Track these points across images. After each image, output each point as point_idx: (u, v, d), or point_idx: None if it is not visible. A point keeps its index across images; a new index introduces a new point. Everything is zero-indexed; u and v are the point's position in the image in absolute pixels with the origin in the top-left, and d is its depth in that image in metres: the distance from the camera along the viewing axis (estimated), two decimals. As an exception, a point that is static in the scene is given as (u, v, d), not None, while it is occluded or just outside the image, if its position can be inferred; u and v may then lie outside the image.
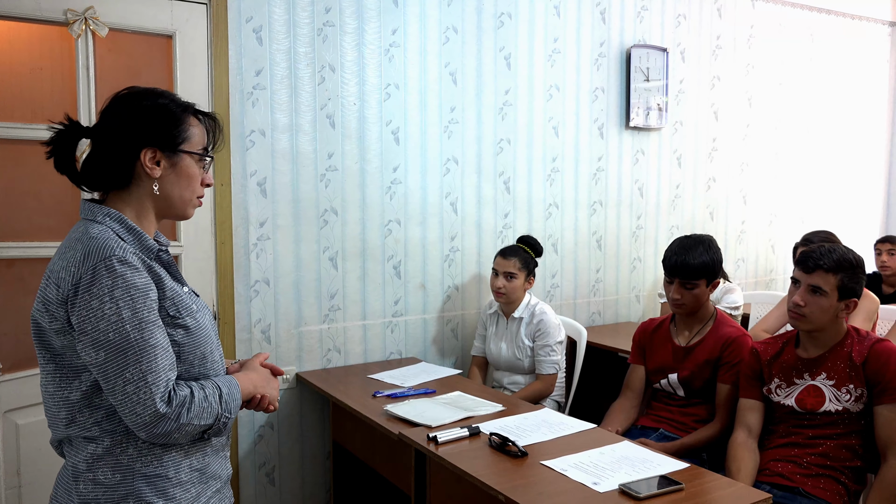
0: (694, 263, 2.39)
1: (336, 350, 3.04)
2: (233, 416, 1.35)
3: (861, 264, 2.09)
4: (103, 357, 1.21)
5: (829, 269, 2.05)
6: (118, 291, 1.21)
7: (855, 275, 2.06)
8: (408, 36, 3.09)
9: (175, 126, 1.33)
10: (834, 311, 2.07)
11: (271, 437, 2.95)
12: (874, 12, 4.82)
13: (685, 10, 3.94)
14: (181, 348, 1.30)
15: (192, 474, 1.33)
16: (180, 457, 1.31)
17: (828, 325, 2.09)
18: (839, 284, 2.04)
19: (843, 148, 4.76)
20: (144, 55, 2.63)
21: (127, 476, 1.27)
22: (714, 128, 4.12)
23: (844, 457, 2.06)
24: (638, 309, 3.92)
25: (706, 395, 2.44)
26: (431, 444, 2.05)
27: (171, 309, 1.30)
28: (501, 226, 3.40)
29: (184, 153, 1.35)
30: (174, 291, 1.32)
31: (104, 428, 1.27)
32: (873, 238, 4.39)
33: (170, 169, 1.34)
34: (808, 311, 2.07)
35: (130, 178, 1.33)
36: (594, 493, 1.73)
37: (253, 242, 2.82)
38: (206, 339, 1.35)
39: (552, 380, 2.92)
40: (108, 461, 1.27)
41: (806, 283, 2.08)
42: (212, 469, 1.37)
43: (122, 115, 1.31)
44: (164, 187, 1.34)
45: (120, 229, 1.29)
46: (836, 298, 2.05)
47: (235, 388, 1.36)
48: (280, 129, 2.84)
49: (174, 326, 1.29)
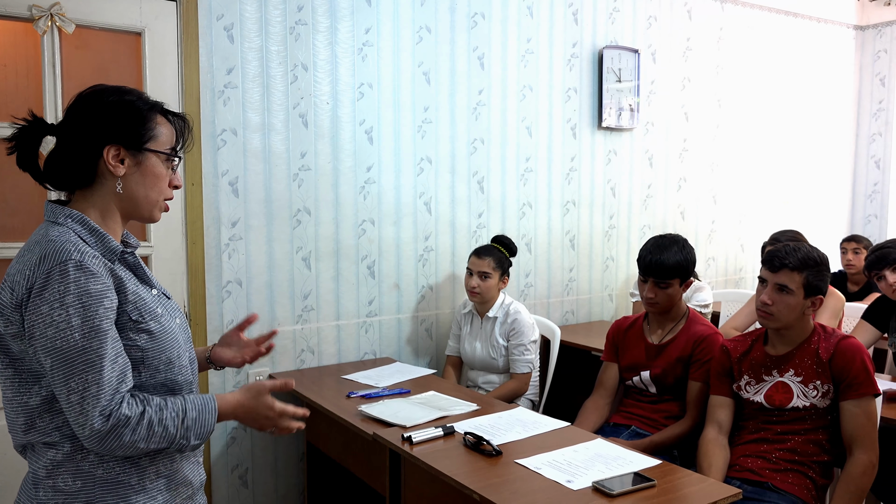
0: (668, 263, 2.42)
1: (310, 351, 3.02)
2: (196, 442, 1.28)
3: (825, 262, 2.14)
4: (50, 364, 1.18)
5: (794, 268, 2.09)
6: (69, 297, 1.17)
7: (820, 273, 2.10)
8: (381, 35, 3.08)
9: (141, 124, 1.30)
10: (801, 309, 2.11)
11: (244, 439, 2.92)
12: (840, 16, 4.92)
13: (656, 12, 3.98)
14: (144, 353, 1.27)
15: (159, 481, 1.30)
16: (145, 463, 1.28)
17: (795, 322, 2.12)
18: (805, 282, 2.08)
19: (810, 149, 4.85)
20: (113, 52, 2.59)
21: (88, 483, 1.24)
22: (685, 128, 4.18)
23: (812, 452, 2.10)
24: (611, 307, 3.96)
25: (677, 392, 2.47)
26: (406, 445, 2.04)
27: (134, 313, 1.26)
28: (475, 225, 3.41)
29: (149, 152, 1.31)
30: (137, 295, 1.28)
31: (65, 433, 1.24)
32: (839, 237, 4.49)
33: (134, 168, 1.30)
34: (775, 309, 2.10)
35: (94, 177, 1.29)
36: (568, 490, 1.74)
37: (225, 242, 2.79)
38: (171, 343, 1.31)
39: (526, 379, 2.93)
40: (68, 467, 1.24)
41: (772, 281, 2.11)
42: (181, 475, 1.34)
43: (86, 112, 1.28)
44: (128, 186, 1.31)
45: (82, 231, 1.26)
46: (803, 296, 2.09)
47: (210, 413, 1.29)
48: (252, 128, 2.81)
49: (137, 331, 1.26)
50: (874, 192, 5.06)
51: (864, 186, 5.10)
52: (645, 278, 2.47)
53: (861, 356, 2.06)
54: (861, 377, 2.03)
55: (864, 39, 5.06)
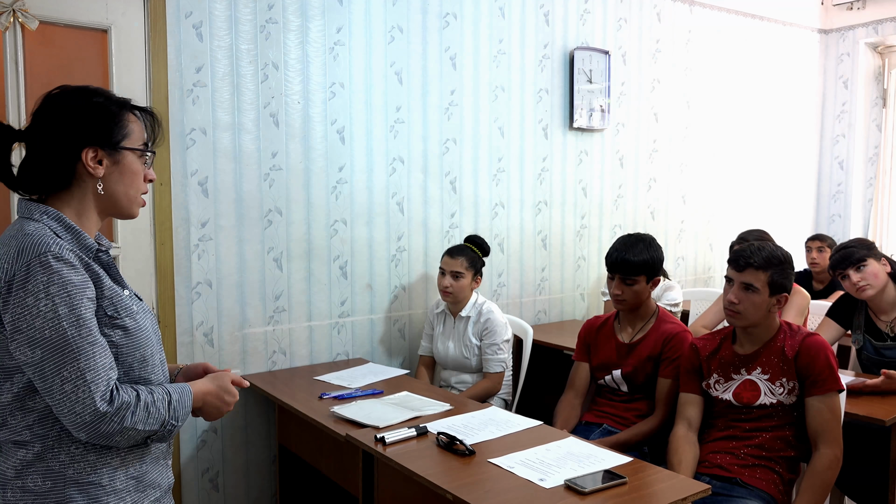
0: (634, 260, 2.46)
1: (281, 352, 2.99)
2: (180, 423, 1.32)
3: (789, 260, 2.18)
4: (39, 356, 1.18)
5: (759, 267, 2.13)
6: (54, 288, 1.18)
7: (784, 270, 2.15)
8: (353, 34, 3.07)
9: (114, 123, 1.31)
10: (767, 307, 2.14)
11: (215, 441, 2.89)
12: (804, 20, 5.02)
13: (626, 14, 4.02)
14: (119, 350, 1.27)
15: (129, 482, 1.29)
16: (116, 464, 1.28)
17: (762, 320, 2.16)
18: (770, 281, 2.12)
19: (776, 150, 4.94)
20: (78, 50, 2.54)
21: (58, 483, 1.23)
22: (654, 129, 4.23)
23: (779, 447, 2.14)
24: (582, 307, 3.99)
25: (648, 390, 2.50)
26: (379, 445, 2.04)
27: (110, 309, 1.26)
28: (448, 225, 3.41)
29: (125, 150, 1.32)
30: (113, 291, 1.28)
31: (36, 432, 1.23)
32: (804, 236, 4.58)
33: (113, 167, 1.32)
34: (742, 307, 2.14)
35: (71, 180, 1.30)
36: (541, 489, 1.75)
37: (194, 243, 2.76)
38: (146, 341, 1.32)
39: (499, 378, 2.94)
40: (38, 468, 1.23)
41: (738, 280, 2.15)
42: (150, 477, 1.34)
43: (57, 116, 1.28)
44: (109, 186, 1.32)
45: (58, 227, 1.26)
46: (768, 294, 2.13)
47: (187, 395, 1.34)
48: (222, 127, 2.78)
49: (112, 327, 1.26)
50: (838, 192, 5.17)
51: (829, 187, 5.21)
52: (612, 275, 2.52)
53: (825, 353, 2.10)
54: (825, 374, 2.08)
55: (827, 43, 5.17)
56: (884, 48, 5.10)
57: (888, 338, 2.69)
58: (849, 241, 2.83)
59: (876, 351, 2.72)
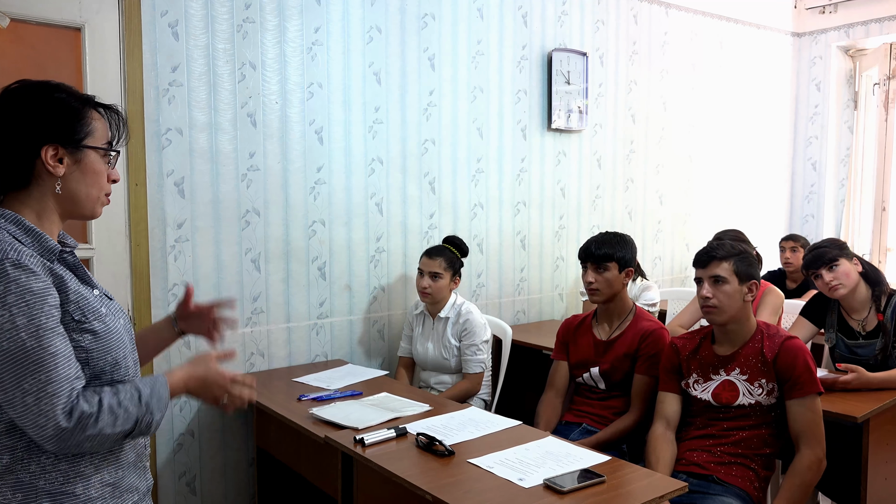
0: (604, 247, 2.54)
1: (259, 354, 2.97)
2: (156, 416, 1.28)
3: (748, 251, 2.27)
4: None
5: (722, 258, 2.21)
6: (11, 297, 1.14)
7: (746, 259, 2.22)
8: (331, 34, 3.05)
9: (77, 120, 1.26)
10: (740, 296, 2.19)
11: (192, 445, 2.86)
12: (778, 23, 5.10)
13: (603, 16, 4.05)
14: (88, 354, 1.23)
15: (104, 489, 1.26)
16: (90, 472, 1.24)
17: (739, 312, 2.20)
18: (735, 269, 2.19)
19: (751, 151, 5.01)
20: (51, 48, 2.50)
21: (29, 495, 1.19)
22: (631, 130, 4.26)
23: (756, 445, 2.17)
24: (561, 307, 4.01)
25: (625, 387, 2.52)
26: (358, 447, 2.03)
27: (76, 313, 1.22)
28: (427, 226, 3.41)
29: (88, 149, 1.28)
30: (79, 294, 1.24)
31: (3, 444, 1.19)
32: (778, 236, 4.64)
33: (74, 166, 1.26)
34: (716, 301, 2.19)
35: (30, 179, 1.24)
36: (520, 488, 1.75)
37: (171, 244, 2.73)
38: (117, 344, 1.28)
39: (479, 378, 2.94)
40: (7, 480, 1.19)
41: (707, 276, 2.22)
42: (127, 482, 1.31)
43: (16, 112, 1.23)
44: (69, 186, 1.27)
45: (16, 231, 1.21)
46: (738, 283, 2.19)
47: (162, 386, 1.29)
48: (198, 127, 2.76)
49: (80, 331, 1.22)
50: (811, 192, 5.25)
51: (802, 188, 5.29)
52: (584, 264, 2.57)
53: (804, 356, 2.13)
54: (804, 377, 2.11)
55: (800, 46, 5.25)
56: (855, 51, 5.19)
57: (860, 336, 2.74)
58: (821, 242, 2.88)
59: (849, 349, 2.77)
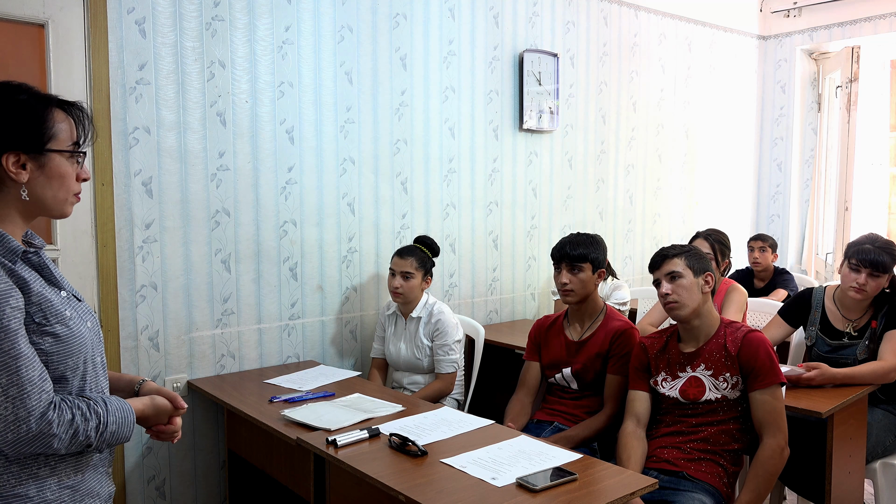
0: (578, 248, 2.55)
1: (230, 355, 2.94)
2: (103, 449, 1.28)
3: (695, 249, 2.36)
4: None
5: (672, 256, 2.30)
6: None
7: (694, 255, 2.31)
8: (301, 33, 3.03)
9: (39, 124, 1.22)
10: (697, 288, 2.25)
11: (160, 448, 2.81)
12: (744, 26, 5.19)
13: (574, 18, 4.08)
14: (49, 358, 1.20)
15: (62, 492, 1.23)
16: (45, 473, 1.22)
17: (700, 305, 2.25)
18: (687, 263, 2.27)
19: (718, 151, 5.09)
20: (13, 45, 2.44)
21: None
22: (602, 131, 4.30)
23: (724, 441, 2.21)
24: (533, 306, 4.03)
25: (597, 387, 2.54)
26: (331, 448, 2.02)
27: (38, 316, 1.19)
28: (399, 226, 3.40)
29: (52, 152, 1.23)
30: (42, 297, 1.21)
31: None
32: (745, 235, 4.73)
33: (38, 171, 1.23)
34: (676, 297, 2.25)
35: None
36: (493, 487, 1.76)
37: (138, 245, 2.68)
38: (79, 348, 1.25)
39: (451, 378, 2.94)
40: None
41: (662, 274, 2.30)
42: (87, 486, 1.28)
43: None
44: (35, 191, 1.24)
45: None
46: (693, 275, 2.26)
47: (129, 426, 1.30)
48: (167, 126, 2.72)
49: (41, 334, 1.19)
50: (777, 192, 5.35)
51: (768, 188, 5.39)
52: (558, 265, 2.58)
53: (765, 347, 2.18)
54: (766, 367, 2.15)
55: (766, 49, 5.35)
56: (818, 55, 5.30)
57: (845, 336, 2.77)
58: (887, 245, 2.70)
59: (830, 348, 2.79)
